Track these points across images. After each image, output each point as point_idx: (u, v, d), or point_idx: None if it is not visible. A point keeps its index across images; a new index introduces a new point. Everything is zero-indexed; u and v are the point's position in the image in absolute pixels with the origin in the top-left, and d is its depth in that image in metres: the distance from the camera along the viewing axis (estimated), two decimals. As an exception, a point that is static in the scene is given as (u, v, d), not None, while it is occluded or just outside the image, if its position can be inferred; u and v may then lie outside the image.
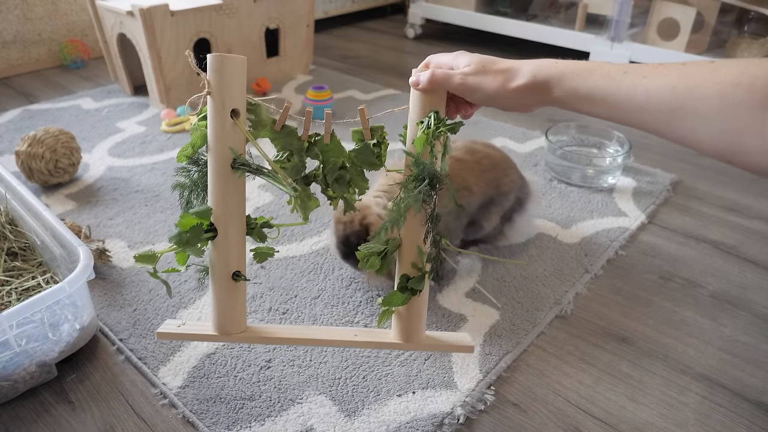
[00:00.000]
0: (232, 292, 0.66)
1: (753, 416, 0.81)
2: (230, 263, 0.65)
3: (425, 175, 0.59)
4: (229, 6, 1.76)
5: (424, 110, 0.62)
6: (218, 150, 0.61)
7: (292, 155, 0.64)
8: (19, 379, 0.81)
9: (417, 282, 0.65)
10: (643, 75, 0.52)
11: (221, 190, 0.62)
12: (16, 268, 0.99)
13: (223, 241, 0.63)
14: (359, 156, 0.65)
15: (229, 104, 0.60)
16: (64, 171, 1.33)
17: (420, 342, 0.69)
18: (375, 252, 0.64)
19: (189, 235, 0.60)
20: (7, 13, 2.04)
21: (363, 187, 0.66)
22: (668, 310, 1.01)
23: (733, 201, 1.35)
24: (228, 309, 0.67)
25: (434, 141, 0.60)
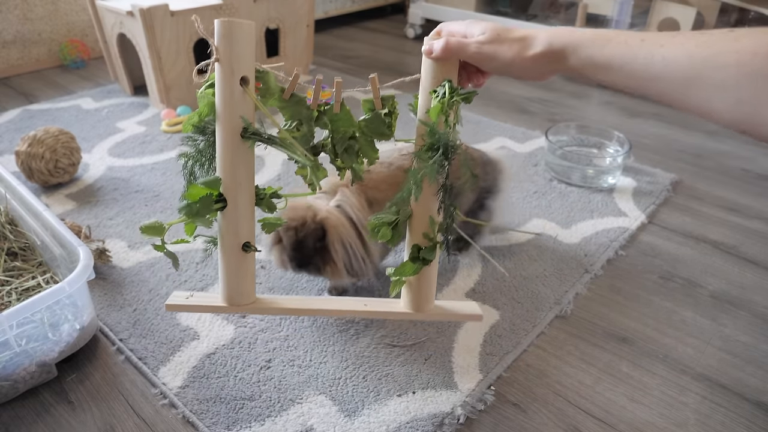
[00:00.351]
0: (242, 263, 0.65)
1: (753, 416, 0.81)
2: (240, 234, 0.63)
3: (440, 144, 0.58)
4: (229, 6, 1.76)
5: (437, 79, 0.61)
6: (227, 118, 0.60)
7: (301, 124, 0.63)
8: (19, 379, 0.81)
9: (428, 252, 0.64)
10: (660, 44, 0.51)
11: (230, 160, 0.60)
12: (16, 268, 0.99)
13: (232, 212, 0.62)
14: (369, 126, 0.64)
15: (238, 71, 0.58)
16: (64, 171, 1.33)
17: (430, 311, 0.69)
18: (386, 222, 0.63)
19: (198, 206, 0.59)
20: (7, 13, 2.04)
21: (372, 157, 0.65)
22: (668, 310, 1.01)
23: (733, 201, 1.35)
24: (238, 280, 0.66)
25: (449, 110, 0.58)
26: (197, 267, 1.09)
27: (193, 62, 1.75)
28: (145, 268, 1.08)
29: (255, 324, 0.96)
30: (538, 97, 1.97)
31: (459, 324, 0.96)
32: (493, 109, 1.86)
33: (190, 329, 0.94)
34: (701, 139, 1.67)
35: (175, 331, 0.94)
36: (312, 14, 2.03)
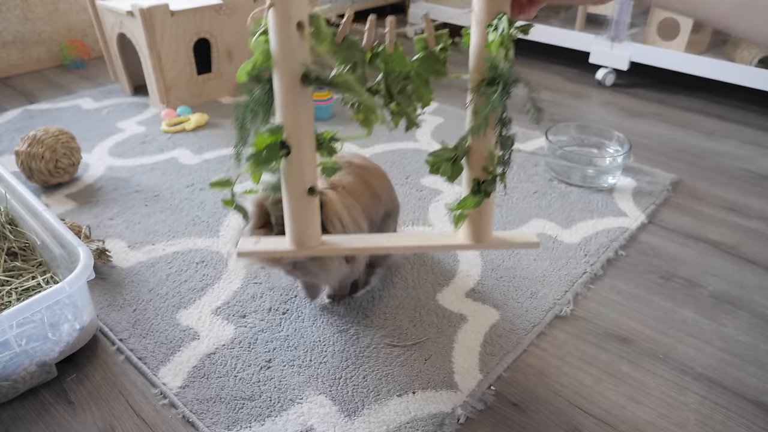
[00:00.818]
0: (308, 206, 0.67)
1: (753, 416, 0.81)
2: (305, 179, 0.65)
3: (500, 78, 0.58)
4: (229, 6, 1.76)
5: (491, 13, 0.59)
6: (286, 65, 0.59)
7: (355, 67, 0.62)
8: (19, 379, 0.82)
9: (489, 184, 0.65)
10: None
11: (292, 106, 0.61)
12: (16, 268, 0.99)
13: (297, 158, 0.63)
14: (424, 64, 0.63)
15: (294, 16, 0.57)
16: (64, 171, 1.33)
17: (489, 241, 0.70)
18: (445, 158, 0.64)
19: (265, 154, 0.60)
20: (7, 13, 2.04)
21: (427, 99, 0.65)
22: (668, 310, 1.01)
23: (733, 201, 1.35)
24: (305, 223, 0.68)
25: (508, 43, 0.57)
26: (197, 267, 1.09)
27: (193, 62, 1.75)
28: (145, 268, 1.08)
29: (255, 324, 0.96)
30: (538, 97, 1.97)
31: (459, 324, 0.96)
32: (493, 109, 1.85)
33: (190, 329, 0.94)
34: (701, 139, 1.67)
35: (175, 331, 0.94)
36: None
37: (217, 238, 1.18)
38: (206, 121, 1.70)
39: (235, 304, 1.00)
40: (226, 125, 1.69)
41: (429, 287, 1.04)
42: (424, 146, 1.57)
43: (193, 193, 1.33)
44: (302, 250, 0.69)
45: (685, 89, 2.03)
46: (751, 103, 1.91)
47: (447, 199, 1.32)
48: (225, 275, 1.07)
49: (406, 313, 0.98)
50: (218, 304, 1.00)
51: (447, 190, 1.36)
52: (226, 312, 0.98)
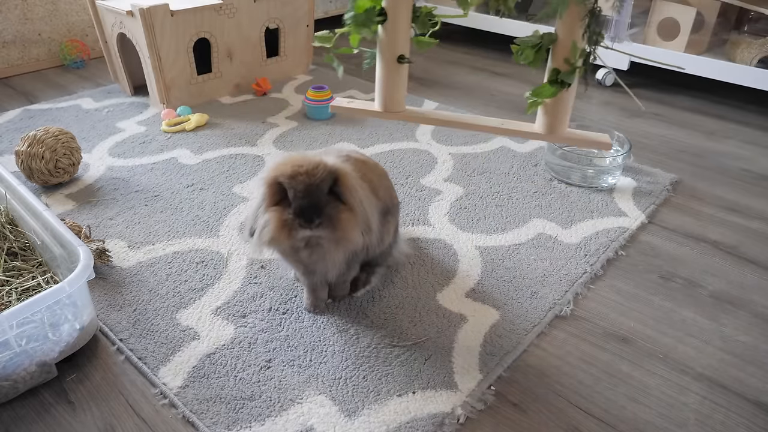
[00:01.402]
0: (397, 73, 0.72)
1: (753, 416, 0.81)
2: (397, 46, 0.70)
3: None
4: (229, 6, 1.76)
5: None
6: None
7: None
8: (19, 379, 0.81)
9: (568, 75, 0.66)
10: None
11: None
12: (16, 268, 0.99)
13: (392, 25, 0.68)
14: None
15: None
16: (64, 171, 1.33)
17: (562, 134, 0.72)
18: (530, 45, 0.66)
19: (363, 17, 0.66)
20: (7, 13, 2.04)
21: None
22: (668, 310, 1.01)
23: (733, 201, 1.35)
24: (393, 89, 0.73)
25: None
26: (197, 267, 1.09)
27: (193, 62, 1.75)
28: (145, 268, 1.08)
29: (255, 324, 0.96)
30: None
31: (459, 324, 0.96)
32: (493, 109, 1.86)
33: (190, 329, 0.94)
34: (701, 139, 1.67)
35: (175, 331, 0.94)
36: (312, 14, 2.03)
37: (217, 238, 1.18)
38: (206, 121, 1.70)
39: (235, 304, 1.00)
40: (226, 125, 1.69)
41: (429, 287, 1.04)
42: (424, 146, 1.57)
43: (193, 193, 1.33)
44: (387, 114, 0.75)
45: (685, 89, 2.03)
46: (751, 103, 1.91)
47: (447, 199, 1.32)
48: (225, 275, 1.07)
49: (406, 313, 0.98)
50: (218, 304, 1.00)
51: (447, 190, 1.35)
52: (226, 312, 0.98)
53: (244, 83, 1.93)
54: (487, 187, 1.37)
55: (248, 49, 1.89)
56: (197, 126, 1.66)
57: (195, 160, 1.49)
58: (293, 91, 1.95)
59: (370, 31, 0.69)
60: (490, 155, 1.53)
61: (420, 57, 2.37)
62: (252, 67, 1.93)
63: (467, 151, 1.55)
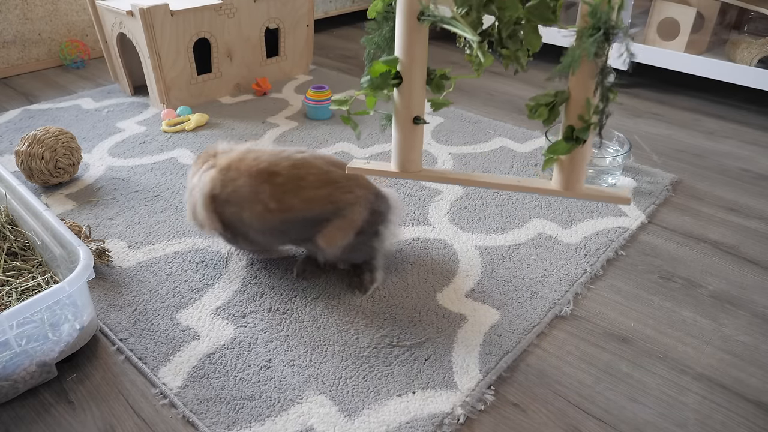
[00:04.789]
0: (413, 134, 0.73)
1: (753, 416, 0.81)
2: (412, 108, 0.71)
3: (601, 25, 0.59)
4: (229, 6, 1.76)
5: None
6: (407, 2, 0.65)
7: (470, 10, 0.66)
8: (19, 379, 0.82)
9: (583, 131, 0.66)
10: None
11: (408, 40, 0.67)
12: (16, 268, 0.99)
13: (407, 88, 0.69)
14: (535, 11, 0.65)
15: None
16: (64, 171, 1.33)
17: (578, 191, 0.72)
18: (543, 103, 0.67)
19: (379, 80, 0.68)
20: (7, 13, 2.04)
21: (536, 44, 0.67)
22: (668, 310, 1.01)
23: (733, 201, 1.35)
24: (408, 149, 0.74)
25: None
26: (197, 267, 1.09)
27: (193, 62, 1.75)
28: (145, 268, 1.08)
29: (255, 324, 0.96)
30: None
31: (459, 324, 0.96)
32: (492, 109, 1.86)
33: (190, 329, 0.94)
34: (701, 139, 1.67)
35: (175, 331, 0.94)
36: (312, 14, 2.03)
37: (217, 238, 1.18)
38: (206, 121, 1.70)
39: (235, 304, 1.00)
40: (226, 125, 1.69)
41: (429, 287, 1.04)
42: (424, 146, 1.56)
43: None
44: (404, 174, 0.76)
45: (685, 89, 2.03)
46: (751, 103, 1.91)
47: (447, 199, 1.32)
48: (225, 275, 1.07)
49: (406, 313, 0.98)
50: (218, 304, 1.00)
51: (447, 189, 1.36)
52: (226, 312, 0.98)
53: (244, 83, 1.93)
54: (487, 187, 1.37)
55: (248, 49, 1.89)
56: (197, 126, 1.66)
57: (195, 160, 1.49)
58: (293, 91, 1.96)
59: (385, 94, 0.70)
60: (490, 155, 1.53)
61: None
62: (252, 67, 1.93)
63: (467, 151, 1.55)
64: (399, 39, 0.67)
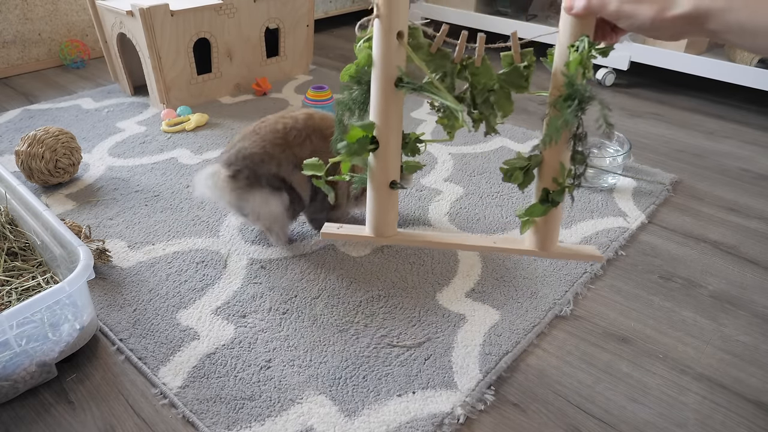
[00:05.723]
0: (389, 198, 0.73)
1: (753, 416, 0.81)
2: (389, 173, 0.71)
3: (576, 95, 0.62)
4: (229, 6, 1.76)
5: (575, 35, 0.63)
6: (384, 69, 0.65)
7: (445, 76, 0.67)
8: (19, 379, 0.81)
9: (557, 194, 0.69)
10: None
11: (384, 106, 0.67)
12: (16, 268, 0.99)
13: (383, 153, 0.69)
14: (508, 78, 0.67)
15: (395, 26, 0.64)
16: (64, 171, 1.33)
17: (554, 250, 0.74)
18: (518, 167, 0.69)
19: (356, 146, 0.67)
20: (7, 13, 2.04)
21: (508, 110, 0.69)
22: (668, 310, 1.01)
23: (733, 201, 1.35)
24: (384, 213, 0.74)
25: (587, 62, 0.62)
26: (197, 267, 1.09)
27: (193, 62, 1.75)
28: (145, 268, 1.08)
29: (255, 324, 0.96)
30: (538, 97, 1.97)
31: (459, 324, 0.96)
32: (493, 109, 1.85)
33: (190, 329, 0.94)
34: (701, 139, 1.67)
35: (175, 331, 0.94)
36: (312, 14, 2.03)
37: (217, 238, 1.18)
38: (206, 121, 1.70)
39: (235, 304, 1.00)
40: (226, 125, 1.69)
41: (429, 287, 1.04)
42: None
43: (193, 193, 1.33)
44: (379, 238, 0.75)
45: (685, 89, 2.03)
46: (751, 103, 1.91)
47: (447, 199, 1.32)
48: (225, 275, 1.07)
49: (406, 313, 0.98)
50: (218, 304, 1.00)
51: (447, 190, 1.36)
52: (226, 312, 0.98)
53: (244, 83, 1.93)
54: (487, 187, 1.37)
55: (248, 49, 1.89)
56: (197, 126, 1.66)
57: (195, 160, 1.49)
58: (293, 91, 1.95)
59: (362, 160, 0.70)
60: (490, 155, 1.53)
61: (420, 57, 2.37)
62: (252, 67, 1.93)
63: (467, 151, 1.55)
64: (375, 104, 0.67)
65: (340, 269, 1.08)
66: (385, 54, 0.65)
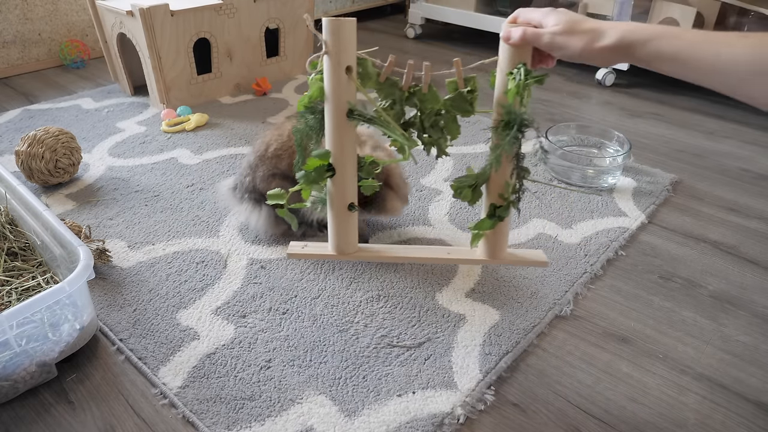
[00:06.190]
0: (348, 219, 0.78)
1: (753, 416, 0.81)
2: (346, 196, 0.76)
3: (515, 122, 0.67)
4: (229, 6, 1.76)
5: (513, 62, 0.68)
6: (335, 102, 0.70)
7: (394, 103, 0.72)
8: (19, 379, 0.82)
9: (503, 210, 0.74)
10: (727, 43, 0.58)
11: (338, 136, 0.72)
12: (16, 268, 0.99)
13: (340, 178, 0.74)
14: (454, 103, 0.72)
15: (344, 62, 0.68)
16: (64, 171, 1.33)
17: (503, 258, 0.80)
18: (467, 185, 0.74)
19: (314, 174, 0.72)
20: (7, 13, 2.04)
21: (455, 133, 0.74)
22: (668, 310, 1.01)
23: (733, 201, 1.35)
24: (344, 233, 0.79)
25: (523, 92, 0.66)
26: (197, 267, 1.09)
27: (193, 62, 1.75)
28: (145, 268, 1.08)
29: (255, 324, 0.96)
30: (538, 97, 1.97)
31: (459, 324, 0.96)
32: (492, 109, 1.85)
33: (190, 329, 0.94)
34: (701, 139, 1.67)
35: (175, 331, 0.94)
36: (312, 14, 2.03)
37: (217, 238, 1.18)
38: (206, 121, 1.70)
39: (235, 304, 1.00)
40: (226, 125, 1.69)
41: (429, 287, 1.04)
42: (424, 146, 1.57)
43: (193, 193, 1.33)
44: (341, 255, 0.81)
45: (685, 89, 2.03)
46: (751, 103, 1.91)
47: (447, 199, 1.32)
48: (225, 275, 1.07)
49: (406, 313, 0.98)
50: (218, 304, 1.00)
51: (447, 190, 1.35)
52: (226, 312, 0.98)
53: (244, 83, 1.93)
54: (487, 187, 1.37)
55: (248, 49, 1.89)
56: (197, 126, 1.66)
57: (195, 160, 1.49)
58: (293, 91, 1.96)
59: (320, 187, 0.75)
60: (490, 155, 1.53)
61: (420, 57, 2.37)
62: (252, 67, 1.93)
63: (467, 151, 1.55)
64: (329, 134, 0.72)
65: (340, 269, 1.08)
66: (336, 88, 0.69)
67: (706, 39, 0.60)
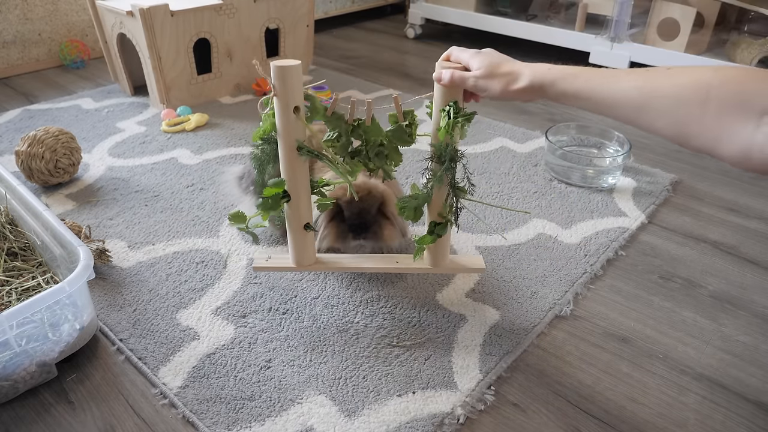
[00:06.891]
0: (305, 238, 0.87)
1: (753, 416, 0.81)
2: (302, 218, 0.85)
3: (446, 157, 0.77)
4: (229, 6, 1.76)
5: (446, 99, 0.76)
6: (286, 138, 0.78)
7: (341, 135, 0.79)
8: (19, 379, 0.82)
9: (441, 228, 0.84)
10: (617, 79, 0.66)
11: (291, 167, 0.80)
12: (16, 268, 0.99)
13: (295, 203, 0.83)
14: (395, 135, 0.80)
15: (292, 103, 0.75)
16: (64, 171, 1.33)
17: (444, 266, 0.90)
18: (412, 206, 0.83)
19: (271, 201, 0.81)
20: (7, 13, 2.04)
21: (398, 160, 0.82)
22: (668, 310, 1.01)
23: (733, 201, 1.35)
24: (302, 249, 0.89)
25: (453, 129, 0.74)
26: (197, 267, 1.09)
27: (193, 62, 1.75)
28: (145, 268, 1.08)
29: (255, 324, 0.96)
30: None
31: (459, 324, 0.96)
32: (492, 109, 1.86)
33: (190, 329, 0.94)
34: (701, 139, 1.66)
35: (175, 331, 0.94)
36: (312, 14, 2.03)
37: (217, 238, 1.18)
38: (206, 121, 1.70)
39: (235, 304, 1.00)
40: (226, 125, 1.69)
41: (429, 287, 1.04)
42: (424, 146, 1.57)
43: (193, 193, 1.33)
44: (301, 267, 0.91)
45: (685, 89, 2.02)
46: (751, 103, 1.91)
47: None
48: (225, 275, 1.07)
49: (406, 313, 0.98)
50: (218, 304, 1.00)
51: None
52: (226, 312, 0.98)
53: (244, 83, 1.93)
54: (487, 187, 1.37)
55: (248, 49, 1.89)
56: (197, 126, 1.66)
57: (195, 160, 1.49)
58: (293, 91, 1.95)
59: (277, 211, 0.83)
60: (490, 155, 1.53)
61: (420, 57, 2.37)
62: (252, 67, 1.93)
63: (467, 152, 1.55)
64: (283, 166, 0.80)
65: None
66: (285, 126, 0.77)
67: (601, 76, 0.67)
